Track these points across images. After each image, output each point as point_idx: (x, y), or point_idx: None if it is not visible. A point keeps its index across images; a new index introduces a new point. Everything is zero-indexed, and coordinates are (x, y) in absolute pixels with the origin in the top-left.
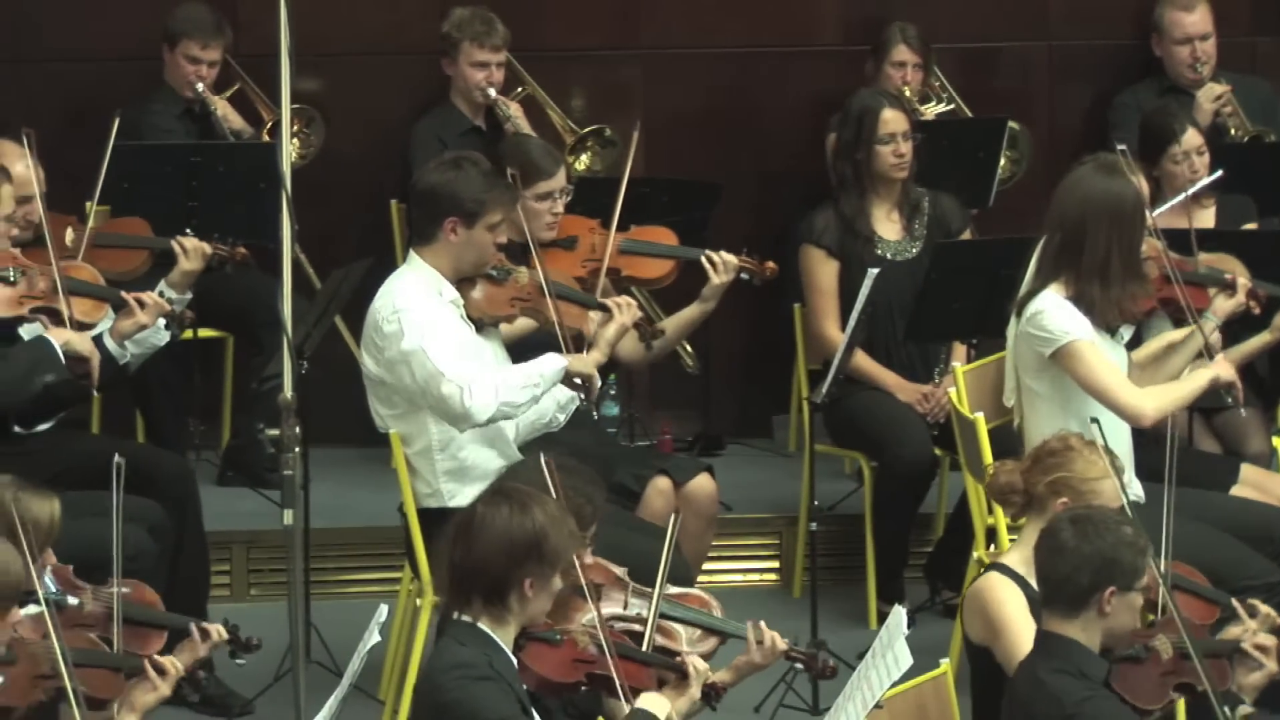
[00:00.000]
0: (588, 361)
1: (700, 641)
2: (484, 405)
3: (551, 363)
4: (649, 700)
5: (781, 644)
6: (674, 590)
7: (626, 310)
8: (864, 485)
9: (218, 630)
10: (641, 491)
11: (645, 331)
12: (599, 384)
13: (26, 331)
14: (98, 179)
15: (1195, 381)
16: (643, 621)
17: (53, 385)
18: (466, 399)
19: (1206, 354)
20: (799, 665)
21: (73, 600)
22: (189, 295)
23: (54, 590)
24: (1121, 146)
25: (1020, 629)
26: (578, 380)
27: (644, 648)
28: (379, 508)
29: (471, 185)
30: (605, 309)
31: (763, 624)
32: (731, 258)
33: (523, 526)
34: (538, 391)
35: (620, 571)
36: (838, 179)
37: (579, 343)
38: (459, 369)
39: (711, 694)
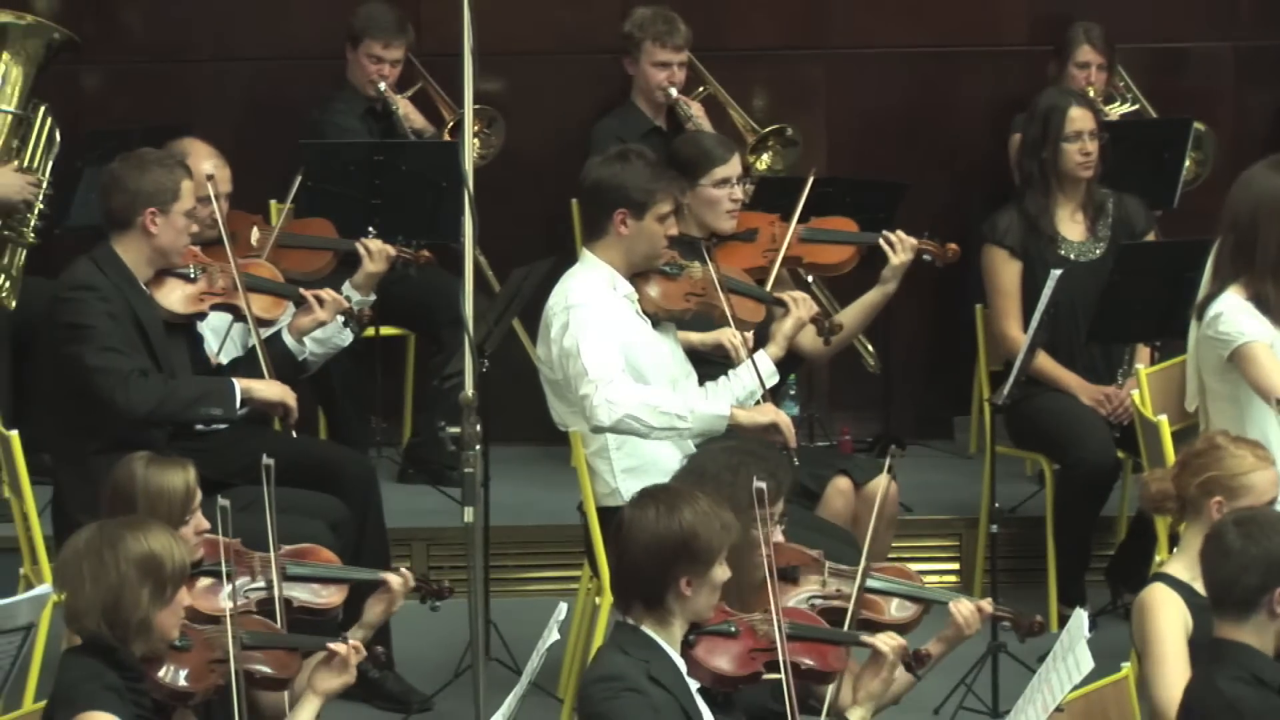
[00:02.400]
0: (766, 411)
1: (902, 610)
2: (606, 412)
3: (714, 406)
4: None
5: (988, 606)
6: (874, 564)
7: (803, 305)
8: (1045, 487)
9: (404, 576)
10: (821, 492)
11: (823, 325)
12: (791, 430)
13: (210, 329)
14: (282, 177)
15: None
16: (843, 597)
17: (219, 418)
18: (594, 398)
19: None
20: (1006, 624)
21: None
22: (372, 297)
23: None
24: None
25: (1166, 650)
26: (778, 438)
27: (846, 623)
28: (558, 506)
29: (638, 176)
30: (781, 304)
31: (963, 598)
32: (910, 238)
33: (669, 527)
34: (680, 425)
35: (815, 553)
36: (1022, 178)
37: (759, 340)
38: (605, 371)
39: (914, 663)
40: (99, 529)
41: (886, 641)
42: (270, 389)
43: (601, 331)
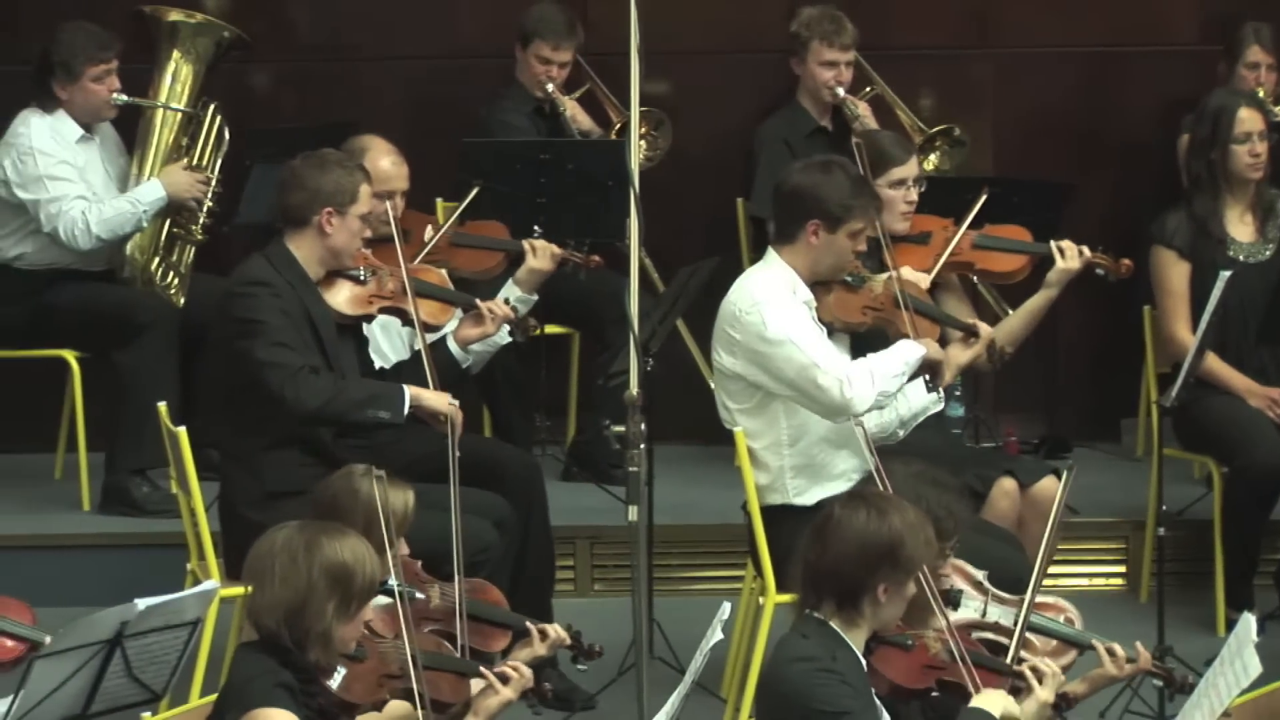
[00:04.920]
0: (942, 351)
1: (1058, 654)
2: (864, 396)
3: (913, 350)
4: (985, 699)
5: (1144, 664)
6: (1036, 599)
7: (984, 339)
8: (1213, 491)
9: (557, 631)
10: (986, 493)
11: (994, 352)
12: (945, 371)
13: (379, 325)
14: (448, 176)
15: None
16: (998, 630)
17: (385, 422)
18: (846, 390)
19: None
20: (1157, 681)
21: (420, 595)
22: (535, 297)
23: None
24: None
25: None
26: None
27: (1007, 658)
28: (722, 505)
29: (838, 190)
30: (966, 329)
31: (1117, 647)
32: (1082, 248)
33: (879, 532)
34: (903, 381)
35: (980, 575)
36: (1191, 179)
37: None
38: (832, 359)
39: (1063, 704)
40: (299, 530)
41: (1047, 682)
42: (439, 400)
43: (804, 323)
